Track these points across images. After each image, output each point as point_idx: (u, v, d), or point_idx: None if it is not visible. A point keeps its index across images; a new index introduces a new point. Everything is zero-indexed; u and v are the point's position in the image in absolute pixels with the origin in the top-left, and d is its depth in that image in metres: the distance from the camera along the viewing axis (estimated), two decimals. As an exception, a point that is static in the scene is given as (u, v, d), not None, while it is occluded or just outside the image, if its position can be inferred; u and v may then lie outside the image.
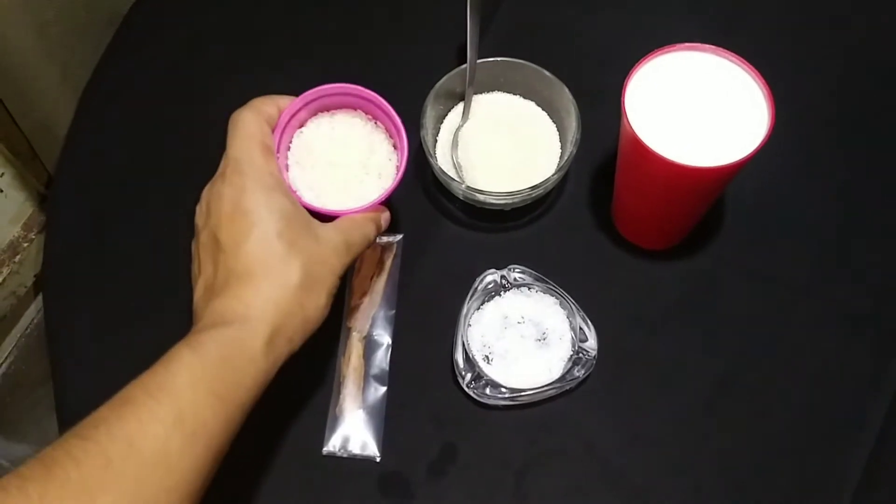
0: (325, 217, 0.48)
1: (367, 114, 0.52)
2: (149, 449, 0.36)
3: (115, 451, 0.35)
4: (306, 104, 0.50)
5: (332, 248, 0.46)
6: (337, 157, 0.51)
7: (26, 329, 1.17)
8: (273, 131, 0.48)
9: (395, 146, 0.52)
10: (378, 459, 0.53)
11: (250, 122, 0.46)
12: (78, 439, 0.36)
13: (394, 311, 0.58)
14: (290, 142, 0.51)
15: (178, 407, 0.38)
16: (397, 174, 0.50)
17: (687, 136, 0.49)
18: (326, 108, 0.52)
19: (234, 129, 0.46)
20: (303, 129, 0.52)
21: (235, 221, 0.44)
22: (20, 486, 0.33)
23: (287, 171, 0.50)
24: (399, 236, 0.60)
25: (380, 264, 0.59)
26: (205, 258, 0.45)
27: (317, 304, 0.44)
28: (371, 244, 0.49)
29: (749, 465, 0.53)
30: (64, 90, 0.80)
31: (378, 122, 0.52)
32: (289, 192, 0.46)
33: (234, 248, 0.43)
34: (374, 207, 0.49)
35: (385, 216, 0.50)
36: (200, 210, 0.46)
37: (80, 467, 0.34)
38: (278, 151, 0.49)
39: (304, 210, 0.46)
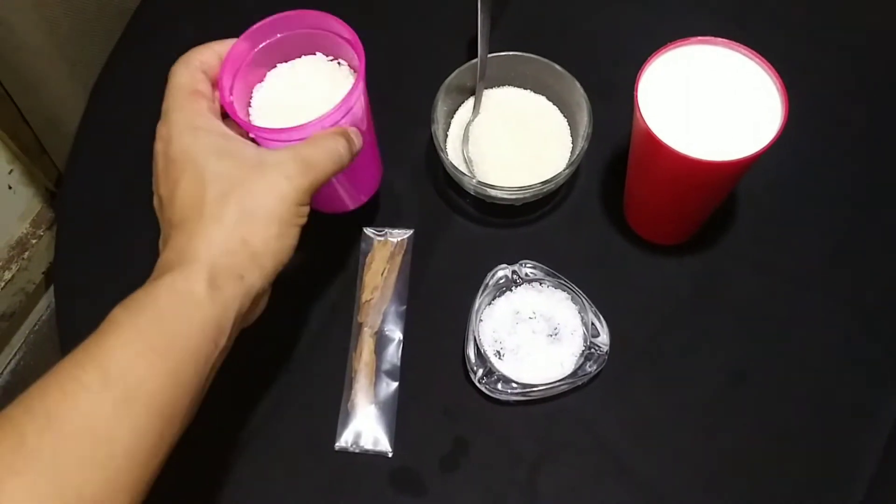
0: (278, 141, 0.45)
1: (328, 55, 0.50)
2: (70, 421, 0.33)
3: (29, 429, 0.32)
4: (253, 48, 0.48)
5: (280, 173, 0.41)
6: (299, 100, 0.48)
7: (35, 325, 1.17)
8: (221, 76, 0.45)
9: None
10: (390, 455, 0.53)
11: (178, 73, 0.44)
12: None
13: (405, 307, 0.58)
14: (251, 98, 0.49)
15: (106, 369, 0.35)
16: (354, 85, 0.45)
17: (700, 130, 0.48)
18: (284, 58, 0.50)
19: (168, 84, 0.44)
20: (262, 83, 0.49)
21: (168, 172, 0.41)
22: None
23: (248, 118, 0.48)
24: (410, 232, 0.60)
25: (391, 260, 0.59)
26: (160, 221, 0.43)
27: (265, 234, 0.40)
28: (344, 161, 0.44)
29: (761, 460, 0.53)
30: (73, 86, 0.80)
31: (341, 61, 0.50)
32: (222, 127, 0.43)
33: (169, 199, 0.41)
34: (330, 119, 0.44)
35: (354, 130, 0.46)
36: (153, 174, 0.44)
37: None
38: (240, 109, 0.46)
39: (245, 141, 0.43)
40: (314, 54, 0.50)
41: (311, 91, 0.49)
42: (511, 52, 0.60)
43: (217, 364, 0.40)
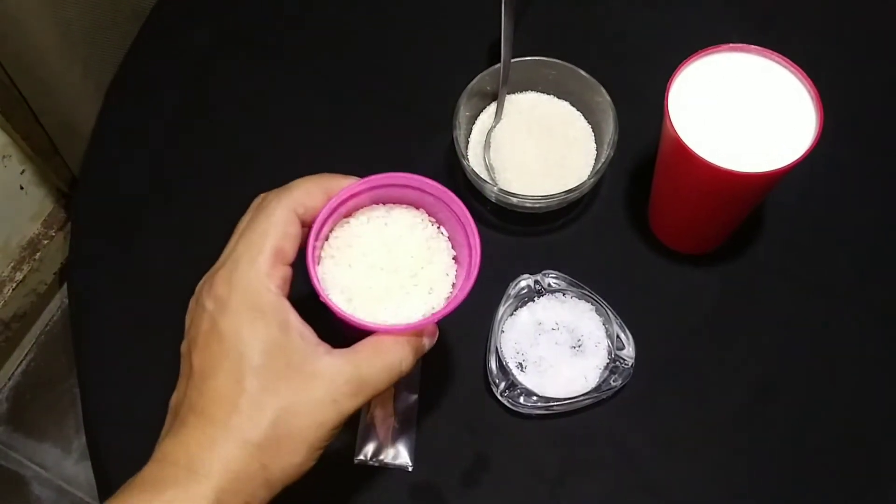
0: (349, 329, 0.39)
1: (430, 215, 0.43)
2: None
3: None
4: (366, 190, 0.41)
5: (328, 393, 0.36)
6: (383, 259, 0.41)
7: (46, 326, 1.16)
8: (313, 222, 0.39)
9: (456, 259, 0.43)
10: (410, 469, 0.52)
11: (273, 215, 0.38)
12: None
13: (425, 317, 0.56)
14: (331, 231, 0.42)
15: None
16: (456, 292, 0.40)
17: (732, 139, 0.47)
18: (382, 200, 0.43)
19: (254, 217, 0.38)
20: (350, 219, 0.42)
21: (209, 345, 0.36)
22: None
23: (318, 264, 0.41)
24: (430, 240, 0.59)
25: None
26: (183, 368, 0.38)
27: (287, 462, 0.36)
28: (403, 374, 0.39)
29: (789, 474, 0.52)
30: (86, 87, 0.79)
31: (442, 228, 0.43)
32: (285, 313, 0.37)
33: (200, 377, 0.36)
34: (414, 328, 0.39)
35: (429, 339, 0.41)
36: (191, 305, 0.39)
37: None
38: (315, 240, 0.40)
39: (302, 342, 0.37)
40: (418, 209, 0.43)
41: (399, 252, 0.42)
42: (534, 57, 0.59)
43: None
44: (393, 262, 0.41)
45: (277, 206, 0.38)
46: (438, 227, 0.43)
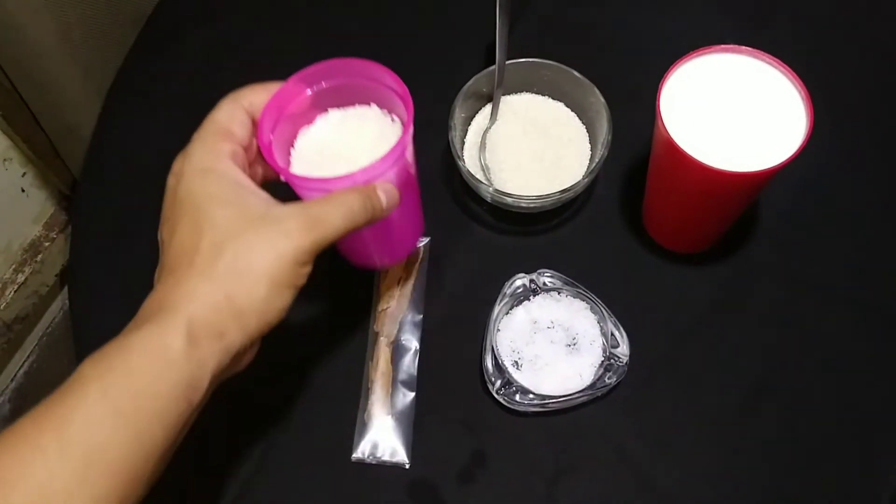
0: (308, 190, 0.43)
1: (382, 108, 0.47)
2: (22, 489, 0.31)
3: None
4: (305, 90, 0.46)
5: (280, 229, 0.39)
6: (343, 149, 0.46)
7: (48, 328, 1.17)
8: (262, 115, 0.43)
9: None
10: (407, 466, 0.53)
11: (219, 108, 0.43)
12: None
13: (421, 316, 0.57)
14: (296, 139, 0.47)
15: (65, 432, 0.33)
16: (399, 141, 0.43)
17: (723, 139, 0.48)
18: (339, 104, 0.48)
19: (206, 118, 0.43)
20: (310, 126, 0.47)
21: (173, 212, 0.40)
22: None
23: (289, 168, 0.46)
24: (426, 240, 0.60)
25: (407, 268, 0.59)
26: (161, 248, 0.42)
27: (252, 295, 0.38)
28: (357, 220, 0.41)
29: (784, 472, 0.53)
30: (87, 91, 0.79)
31: (395, 116, 0.47)
32: (236, 173, 0.41)
33: (168, 241, 0.40)
34: (368, 174, 0.42)
35: (385, 188, 0.43)
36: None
37: None
38: (281, 151, 0.44)
39: (257, 192, 0.41)
40: (369, 105, 0.47)
41: (358, 142, 0.46)
42: (529, 59, 0.59)
43: (191, 420, 0.38)
44: (353, 149, 0.46)
45: (223, 101, 0.43)
46: (392, 117, 0.47)
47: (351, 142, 0.46)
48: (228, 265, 0.38)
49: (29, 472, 0.32)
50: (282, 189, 0.43)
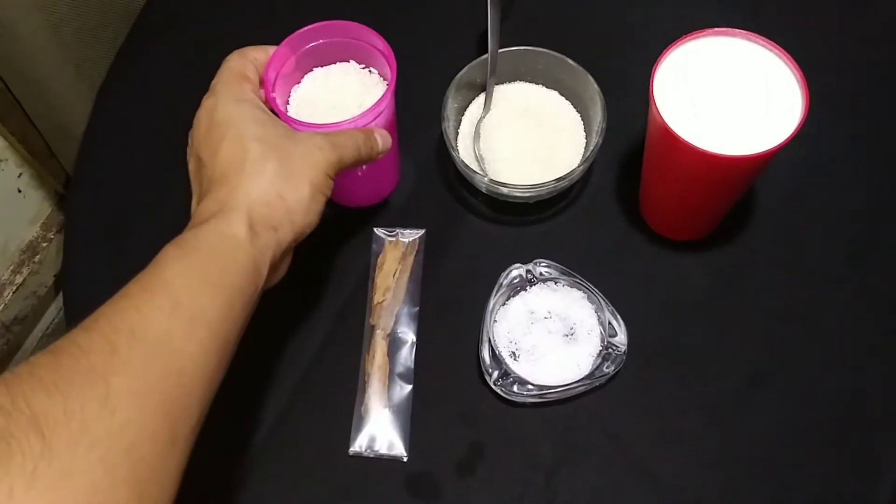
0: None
1: (360, 63, 0.55)
2: (151, 336, 0.37)
3: (119, 340, 0.36)
4: (295, 51, 0.53)
5: (313, 145, 0.45)
6: (332, 102, 0.53)
7: (47, 329, 1.17)
8: (266, 73, 0.50)
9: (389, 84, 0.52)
10: (405, 459, 0.53)
11: (232, 59, 0.49)
12: (82, 331, 0.36)
13: (417, 308, 0.57)
14: (289, 97, 0.54)
15: (174, 295, 0.38)
16: (385, 92, 0.51)
17: (717, 124, 0.47)
18: (320, 63, 0.55)
19: (220, 69, 0.49)
20: (299, 84, 0.55)
21: (211, 135, 0.45)
22: (31, 373, 0.33)
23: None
24: (421, 232, 0.59)
25: (402, 260, 0.58)
26: (194, 182, 0.46)
27: (299, 194, 0.44)
28: (362, 153, 0.49)
29: (783, 459, 0.52)
30: (79, 89, 0.79)
31: (372, 68, 0.55)
32: (262, 105, 0.47)
33: (211, 159, 0.44)
34: (365, 119, 0.50)
35: (380, 132, 0.51)
36: (189, 137, 0.48)
37: (88, 355, 0.35)
38: (279, 106, 0.50)
39: (281, 121, 0.47)
40: (348, 61, 0.55)
41: (344, 94, 0.54)
42: (522, 47, 0.59)
43: (252, 310, 0.43)
44: (341, 100, 0.53)
45: (232, 55, 0.50)
46: (369, 69, 0.55)
47: (338, 94, 0.54)
48: (277, 169, 0.43)
49: (154, 324, 0.37)
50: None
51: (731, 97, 0.48)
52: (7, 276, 1.04)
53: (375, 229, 0.59)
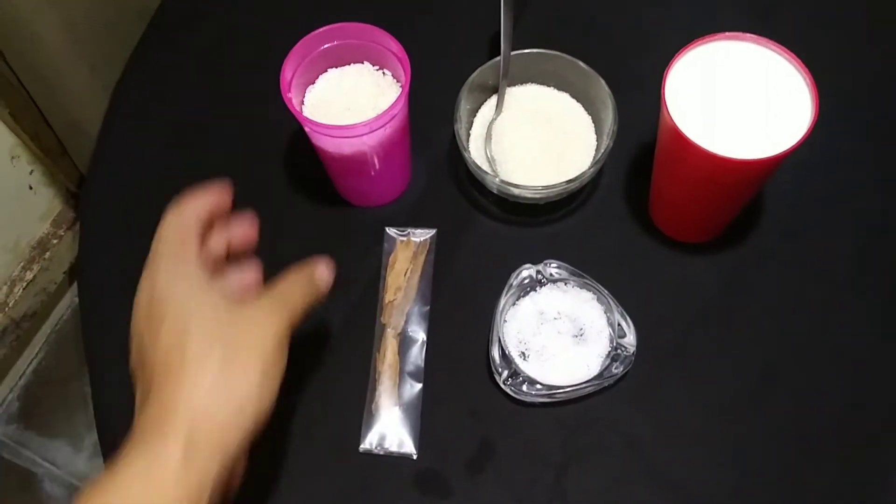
0: (331, 136, 0.51)
1: (374, 64, 0.56)
2: None
3: None
4: (311, 52, 0.54)
5: (260, 312, 0.41)
6: (348, 102, 0.54)
7: (56, 325, 1.18)
8: (283, 72, 0.51)
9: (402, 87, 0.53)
10: (415, 457, 0.53)
11: (167, 224, 0.45)
12: None
13: (428, 307, 0.57)
14: (304, 97, 0.55)
15: None
16: (399, 99, 0.51)
17: (728, 127, 0.48)
18: (335, 65, 0.56)
19: (159, 228, 0.45)
20: (314, 85, 0.56)
21: (152, 313, 0.41)
22: None
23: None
24: (432, 231, 0.60)
25: (413, 260, 0.59)
26: (135, 370, 0.42)
27: (247, 385, 0.39)
28: (313, 299, 0.45)
29: (791, 460, 0.52)
30: (93, 87, 0.80)
31: (386, 70, 0.55)
32: (203, 276, 0.42)
33: (152, 342, 0.40)
34: (382, 120, 0.50)
35: (324, 263, 0.47)
36: (133, 312, 0.43)
37: None
38: (294, 106, 0.51)
39: (220, 288, 0.43)
40: (362, 63, 0.56)
41: (358, 96, 0.55)
42: (534, 50, 0.59)
43: None
44: (355, 102, 0.54)
45: (169, 215, 0.45)
46: (383, 71, 0.56)
47: (353, 95, 0.55)
48: (219, 362, 0.39)
49: None
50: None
51: (741, 101, 0.48)
52: (18, 272, 1.05)
53: (387, 229, 0.60)
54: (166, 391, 0.38)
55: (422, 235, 0.59)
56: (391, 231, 0.60)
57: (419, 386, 0.55)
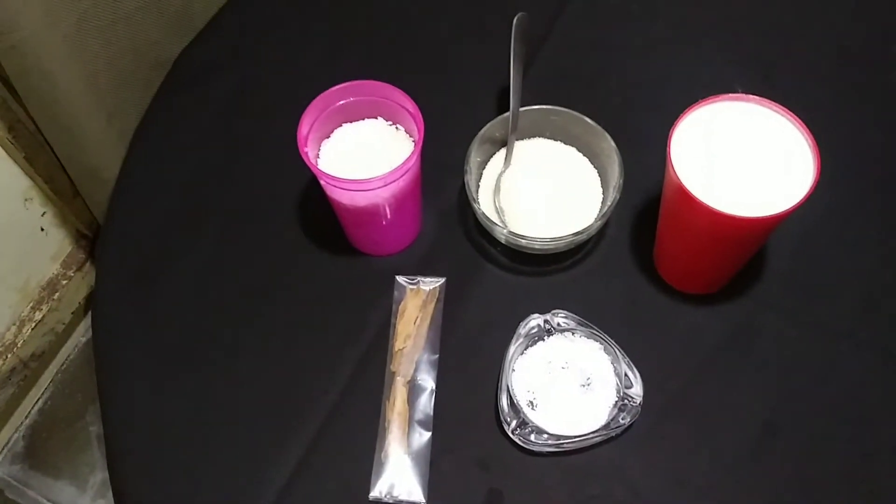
0: (346, 190, 0.53)
1: (388, 120, 0.57)
2: None
3: None
4: (326, 108, 0.56)
5: None
6: (362, 156, 0.56)
7: (63, 365, 1.18)
8: (300, 128, 0.53)
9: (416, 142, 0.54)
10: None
11: None
12: None
13: (437, 356, 0.58)
14: (319, 151, 0.57)
15: None
16: (412, 154, 0.52)
17: (732, 185, 0.49)
18: (349, 119, 0.58)
19: None
20: (329, 139, 0.57)
21: None
22: None
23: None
24: (442, 280, 0.61)
25: (423, 308, 0.60)
26: None
27: None
28: None
29: (797, 513, 0.53)
30: (109, 135, 0.82)
31: (399, 125, 0.57)
32: None
33: None
34: (393, 176, 0.52)
35: None
36: None
37: None
38: (310, 159, 0.53)
39: None
40: (376, 118, 0.58)
41: (372, 150, 0.57)
42: (542, 106, 0.61)
43: None
44: (370, 157, 0.56)
45: None
46: (396, 126, 0.57)
47: (367, 149, 0.57)
48: None
49: None
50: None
51: (744, 159, 0.50)
52: (27, 312, 1.05)
53: (397, 277, 0.61)
54: None
55: (431, 284, 0.61)
56: (401, 280, 0.61)
57: (428, 434, 0.55)
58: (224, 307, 0.62)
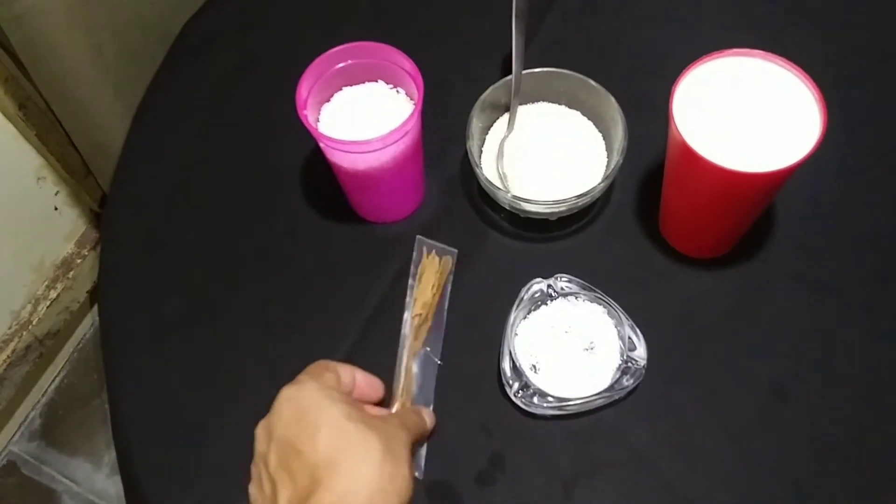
0: (346, 152, 0.53)
1: (388, 83, 0.57)
2: None
3: None
4: (326, 71, 0.55)
5: (394, 426, 0.47)
6: (362, 119, 0.56)
7: (79, 344, 1.19)
8: (298, 90, 0.53)
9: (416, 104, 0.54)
10: (421, 478, 0.53)
11: (316, 363, 0.50)
12: None
13: (443, 321, 0.58)
14: (319, 114, 0.57)
15: None
16: (412, 115, 0.52)
17: (737, 141, 0.48)
18: (350, 83, 0.57)
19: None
20: (329, 102, 0.57)
21: (302, 420, 0.45)
22: None
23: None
24: (454, 251, 0.60)
25: (439, 278, 0.59)
26: (279, 476, 0.44)
27: (403, 475, 0.44)
28: (421, 435, 0.51)
29: (802, 477, 0.52)
30: (116, 109, 0.82)
31: (399, 88, 0.57)
32: (348, 398, 0.48)
33: (309, 443, 0.43)
34: (392, 137, 0.52)
35: (428, 412, 0.54)
36: (259, 438, 0.47)
37: None
38: (310, 123, 0.53)
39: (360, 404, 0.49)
40: (376, 81, 0.57)
41: (372, 113, 0.56)
42: (545, 69, 0.60)
43: None
44: (369, 120, 0.55)
45: (314, 364, 0.50)
46: (396, 89, 0.57)
47: (367, 112, 0.56)
48: (382, 450, 0.43)
49: None
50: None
51: (749, 115, 0.49)
52: (42, 290, 1.07)
53: (419, 236, 0.60)
54: (339, 479, 0.42)
55: (445, 253, 0.60)
56: (423, 238, 0.60)
57: (432, 398, 0.55)
58: (228, 275, 0.62)
